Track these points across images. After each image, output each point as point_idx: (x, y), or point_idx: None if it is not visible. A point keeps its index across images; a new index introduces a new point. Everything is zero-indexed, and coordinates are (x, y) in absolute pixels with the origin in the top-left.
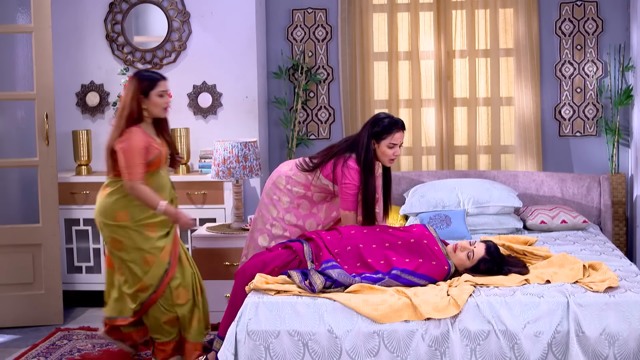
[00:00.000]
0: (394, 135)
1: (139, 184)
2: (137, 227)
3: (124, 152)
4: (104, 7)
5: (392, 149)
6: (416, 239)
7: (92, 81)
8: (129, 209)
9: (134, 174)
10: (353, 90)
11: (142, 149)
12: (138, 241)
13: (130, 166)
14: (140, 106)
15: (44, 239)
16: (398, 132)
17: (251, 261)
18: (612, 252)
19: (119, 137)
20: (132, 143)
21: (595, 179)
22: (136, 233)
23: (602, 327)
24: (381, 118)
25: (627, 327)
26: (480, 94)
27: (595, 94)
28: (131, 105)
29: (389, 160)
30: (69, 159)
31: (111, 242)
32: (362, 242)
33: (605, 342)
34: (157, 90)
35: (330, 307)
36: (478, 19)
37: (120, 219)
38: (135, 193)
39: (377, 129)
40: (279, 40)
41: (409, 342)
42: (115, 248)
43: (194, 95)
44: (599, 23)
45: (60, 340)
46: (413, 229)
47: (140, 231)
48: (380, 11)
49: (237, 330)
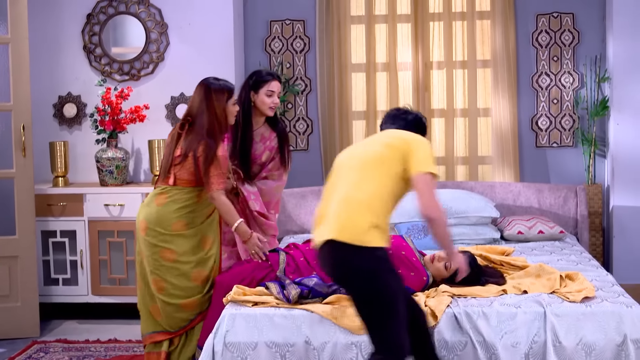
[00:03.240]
0: (270, 83)
1: (222, 193)
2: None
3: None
4: (82, 18)
5: (271, 97)
6: (394, 250)
7: (69, 92)
8: (188, 218)
9: (220, 184)
10: (331, 102)
11: (226, 158)
12: (192, 251)
13: (219, 174)
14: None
15: (20, 251)
16: (274, 81)
17: (230, 272)
18: (588, 262)
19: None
20: (220, 152)
21: (572, 189)
22: (190, 242)
23: (579, 338)
24: (257, 70)
25: (603, 337)
26: (457, 105)
27: (572, 105)
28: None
29: (268, 108)
30: (46, 170)
31: (161, 252)
32: None
33: (582, 352)
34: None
35: (308, 318)
36: (455, 30)
37: (177, 228)
38: (217, 203)
39: (255, 79)
40: (257, 52)
41: None
42: (166, 259)
43: (171, 106)
44: (575, 35)
45: (36, 352)
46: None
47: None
48: (358, 23)
49: (214, 342)
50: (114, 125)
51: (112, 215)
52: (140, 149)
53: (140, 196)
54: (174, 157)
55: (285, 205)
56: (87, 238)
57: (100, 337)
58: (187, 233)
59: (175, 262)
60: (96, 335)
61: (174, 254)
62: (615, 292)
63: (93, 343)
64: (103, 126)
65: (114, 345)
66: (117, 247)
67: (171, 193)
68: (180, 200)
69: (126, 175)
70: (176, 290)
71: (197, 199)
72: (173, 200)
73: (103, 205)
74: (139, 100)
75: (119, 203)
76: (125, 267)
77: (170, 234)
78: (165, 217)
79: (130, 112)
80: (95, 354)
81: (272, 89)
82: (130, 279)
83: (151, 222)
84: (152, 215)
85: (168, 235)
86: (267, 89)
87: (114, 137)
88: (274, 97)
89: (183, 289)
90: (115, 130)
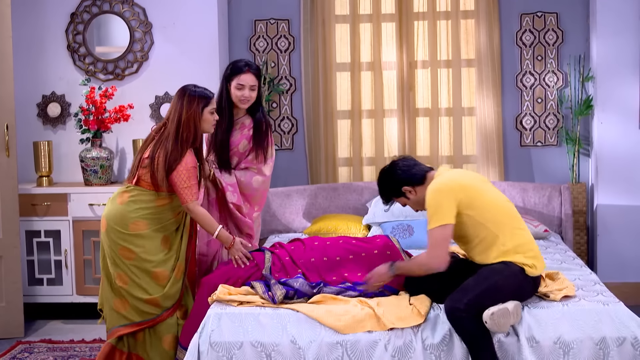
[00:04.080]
0: (240, 76)
1: (197, 204)
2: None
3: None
4: (66, 17)
5: (241, 90)
6: (380, 250)
7: (53, 92)
8: (147, 219)
9: (191, 195)
10: (316, 101)
11: (194, 169)
12: (152, 251)
13: (189, 186)
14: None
15: (4, 251)
16: (245, 74)
17: (216, 272)
18: (572, 261)
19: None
20: (186, 162)
21: (557, 188)
22: (151, 242)
23: (557, 336)
24: (236, 61)
25: (581, 335)
26: (442, 104)
27: (556, 104)
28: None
29: (239, 100)
30: (30, 170)
31: (120, 250)
32: (326, 255)
33: (559, 351)
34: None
35: (294, 317)
36: (440, 30)
37: (135, 228)
38: (194, 215)
39: (228, 71)
40: (241, 51)
41: (372, 353)
42: (126, 258)
43: (156, 105)
44: (559, 34)
45: (21, 353)
46: (376, 239)
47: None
48: (342, 22)
49: (199, 341)
50: (99, 125)
51: (97, 214)
52: (125, 149)
53: None
54: (142, 159)
55: (270, 205)
56: (72, 238)
57: (85, 337)
58: (146, 233)
59: (135, 260)
60: (81, 335)
61: (133, 254)
62: (595, 291)
63: (78, 343)
64: (87, 126)
65: (98, 345)
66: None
67: (133, 193)
68: (141, 201)
69: (110, 174)
70: (139, 286)
71: (157, 202)
72: (134, 200)
73: (87, 205)
74: (123, 100)
75: (103, 203)
76: None
77: (129, 234)
78: (124, 216)
79: (114, 111)
80: (80, 354)
81: (241, 82)
82: None
83: (110, 220)
84: (112, 213)
85: (127, 235)
86: (236, 82)
87: (98, 137)
88: (244, 91)
89: (145, 287)
90: (100, 129)
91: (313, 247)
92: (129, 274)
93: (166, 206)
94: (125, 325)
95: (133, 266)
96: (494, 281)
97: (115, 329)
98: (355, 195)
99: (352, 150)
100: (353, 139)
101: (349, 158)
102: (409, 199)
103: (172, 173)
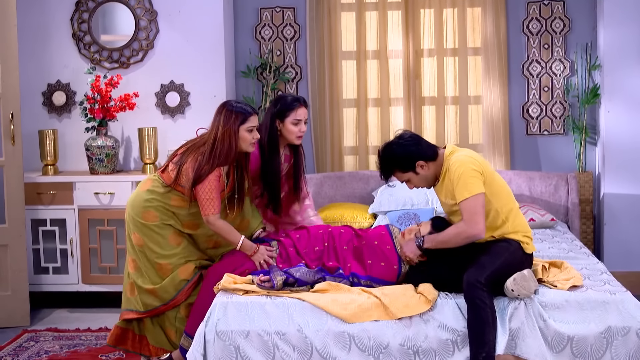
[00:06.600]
0: (296, 111)
1: (217, 218)
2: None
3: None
4: (71, 5)
5: (297, 125)
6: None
7: (58, 80)
8: (159, 212)
9: (214, 207)
10: (321, 89)
11: (217, 182)
12: (160, 243)
13: (211, 199)
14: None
15: (10, 239)
16: (300, 108)
17: (221, 261)
18: (579, 250)
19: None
20: (212, 177)
21: (563, 177)
22: (158, 235)
23: (562, 324)
24: (283, 97)
25: (587, 324)
26: (448, 92)
27: (563, 93)
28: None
29: (296, 137)
30: (35, 158)
31: (133, 234)
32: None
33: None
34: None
35: (300, 306)
36: (446, 18)
37: (146, 217)
38: (215, 229)
39: (280, 108)
40: (247, 39)
41: (380, 341)
42: (136, 243)
43: (161, 94)
44: (566, 22)
45: (27, 342)
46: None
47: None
48: (348, 10)
49: (205, 330)
50: (104, 114)
51: (102, 203)
52: (130, 137)
53: (130, 184)
54: (176, 154)
55: None
56: (77, 226)
57: (91, 326)
58: (154, 225)
59: (144, 247)
60: (87, 324)
61: (141, 241)
62: (602, 281)
63: (83, 332)
64: (93, 114)
65: (104, 333)
66: (107, 235)
67: (155, 183)
68: (157, 193)
69: (116, 163)
70: (145, 273)
71: (173, 202)
72: (153, 189)
73: (93, 193)
74: (129, 88)
75: (109, 191)
76: (116, 256)
77: (140, 222)
78: (138, 202)
79: (119, 100)
80: (86, 342)
81: (298, 117)
82: (120, 267)
83: (129, 205)
84: (132, 197)
85: (138, 222)
86: (293, 118)
87: (103, 125)
88: (301, 125)
89: (150, 275)
90: (105, 118)
91: (317, 235)
92: (137, 260)
93: (182, 209)
94: (132, 310)
95: (141, 253)
96: (504, 258)
97: (125, 312)
98: (361, 184)
99: (358, 139)
100: (359, 128)
101: (355, 147)
102: (418, 174)
103: (198, 185)
